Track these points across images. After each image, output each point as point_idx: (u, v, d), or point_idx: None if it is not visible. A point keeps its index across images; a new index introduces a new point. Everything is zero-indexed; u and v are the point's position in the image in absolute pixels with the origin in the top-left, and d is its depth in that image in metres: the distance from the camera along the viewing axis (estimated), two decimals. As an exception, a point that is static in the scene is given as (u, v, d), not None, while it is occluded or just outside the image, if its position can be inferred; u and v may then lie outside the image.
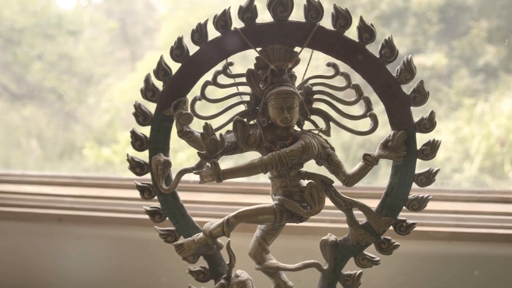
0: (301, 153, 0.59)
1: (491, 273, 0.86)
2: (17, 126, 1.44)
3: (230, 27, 0.62)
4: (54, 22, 1.37)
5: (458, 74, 1.27)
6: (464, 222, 0.86)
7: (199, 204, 0.94)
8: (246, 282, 0.67)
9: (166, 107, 0.65)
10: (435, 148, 0.63)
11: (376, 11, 1.27)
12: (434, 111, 0.63)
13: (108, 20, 1.48)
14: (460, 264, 0.86)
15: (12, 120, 1.44)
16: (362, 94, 0.64)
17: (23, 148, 1.44)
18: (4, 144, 1.44)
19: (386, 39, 0.61)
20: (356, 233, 0.66)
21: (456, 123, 1.29)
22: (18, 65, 1.36)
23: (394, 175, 0.65)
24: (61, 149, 1.48)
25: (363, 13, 1.24)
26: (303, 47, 0.62)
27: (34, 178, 1.08)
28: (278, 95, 0.60)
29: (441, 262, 0.86)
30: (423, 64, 1.24)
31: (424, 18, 1.24)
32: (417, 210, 0.65)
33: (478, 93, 1.26)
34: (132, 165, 0.68)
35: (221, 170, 0.58)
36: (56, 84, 1.40)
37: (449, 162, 1.27)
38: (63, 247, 0.98)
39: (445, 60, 1.25)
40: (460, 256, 0.86)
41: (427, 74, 1.26)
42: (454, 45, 1.24)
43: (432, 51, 1.25)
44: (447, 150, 1.28)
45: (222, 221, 0.62)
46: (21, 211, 0.96)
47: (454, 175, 1.25)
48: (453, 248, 0.86)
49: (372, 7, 1.26)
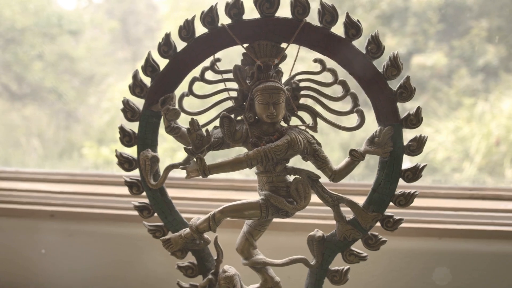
0: (286, 148, 0.59)
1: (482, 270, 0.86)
2: (17, 125, 1.45)
3: (217, 24, 0.62)
4: (54, 22, 1.38)
5: (458, 74, 1.27)
6: (455, 219, 0.86)
7: (188, 200, 0.94)
8: (233, 277, 0.67)
9: (154, 103, 0.65)
10: (422, 143, 0.63)
11: (376, 10, 1.27)
12: (421, 107, 0.63)
13: (109, 20, 1.49)
14: (450, 261, 0.86)
15: (13, 119, 1.45)
16: (349, 90, 0.64)
17: (23, 148, 1.45)
18: (5, 144, 1.45)
19: (373, 35, 0.61)
20: (343, 228, 0.66)
21: (456, 123, 1.28)
22: (18, 64, 1.37)
23: (381, 170, 0.65)
24: (61, 148, 1.49)
25: (363, 12, 1.24)
26: (290, 43, 0.62)
27: (27, 175, 1.09)
28: (264, 90, 0.60)
29: (432, 259, 0.86)
30: (423, 63, 1.24)
31: (424, 18, 1.24)
32: (404, 206, 0.65)
33: (478, 93, 1.26)
34: (120, 160, 0.68)
35: (206, 165, 0.59)
36: (56, 84, 1.40)
37: (449, 161, 1.27)
38: (55, 243, 0.98)
39: (445, 59, 1.25)
40: (451, 253, 0.86)
41: (427, 74, 1.25)
42: (454, 44, 1.24)
43: (432, 51, 1.25)
44: (447, 149, 1.28)
45: (208, 216, 0.62)
46: (14, 208, 0.97)
47: (454, 175, 1.24)
48: (444, 245, 0.86)
49: (372, 7, 1.26)
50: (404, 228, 0.85)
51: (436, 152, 1.26)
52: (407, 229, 0.84)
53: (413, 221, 0.86)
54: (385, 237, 0.67)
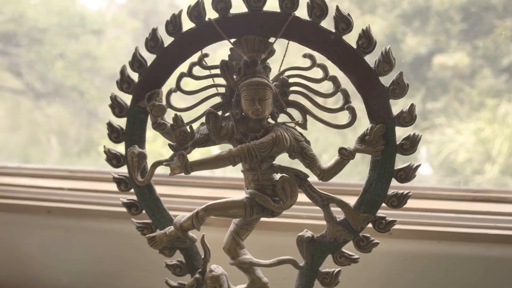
0: (271, 145, 0.57)
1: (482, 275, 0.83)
2: (41, 123, 1.47)
3: (204, 18, 0.61)
4: (76, 22, 1.39)
5: (481, 74, 1.23)
6: (456, 221, 0.83)
7: (178, 198, 0.93)
8: (220, 277, 0.66)
9: (141, 99, 0.64)
10: (415, 142, 0.61)
11: (397, 9, 1.24)
12: (414, 104, 0.60)
13: (132, 20, 1.50)
14: (449, 265, 0.83)
15: (37, 117, 1.46)
16: (340, 86, 0.62)
17: (45, 145, 1.46)
18: (28, 141, 1.46)
19: (364, 29, 0.59)
20: (334, 229, 0.64)
21: (478, 124, 1.25)
22: (41, 63, 1.38)
23: (372, 170, 0.63)
24: (81, 146, 1.50)
25: (384, 11, 1.22)
26: (277, 37, 0.60)
27: (29, 171, 1.10)
28: (249, 86, 0.59)
29: (430, 262, 0.83)
30: (445, 63, 1.21)
31: (446, 17, 1.21)
32: (396, 207, 0.63)
33: (502, 93, 1.22)
34: (108, 156, 0.68)
35: (189, 162, 0.58)
36: (78, 83, 1.42)
37: (470, 163, 1.24)
38: (52, 239, 0.99)
39: (468, 59, 1.22)
40: (451, 256, 0.83)
41: (448, 74, 1.22)
42: (477, 44, 1.20)
43: (454, 51, 1.21)
44: (468, 151, 1.25)
45: (192, 214, 0.61)
46: (13, 203, 0.98)
47: (475, 177, 1.21)
48: (444, 248, 0.82)
49: (393, 6, 1.24)
50: (402, 230, 0.83)
51: (457, 153, 1.23)
52: (405, 231, 0.81)
53: (412, 223, 0.83)
54: (383, 239, 0.65)
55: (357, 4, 1.03)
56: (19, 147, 1.37)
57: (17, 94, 1.32)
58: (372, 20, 1.16)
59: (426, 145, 1.21)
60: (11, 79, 1.31)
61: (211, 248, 0.68)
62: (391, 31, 1.14)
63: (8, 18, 1.25)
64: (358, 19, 1.11)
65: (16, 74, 1.31)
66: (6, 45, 1.25)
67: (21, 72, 1.30)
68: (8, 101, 1.35)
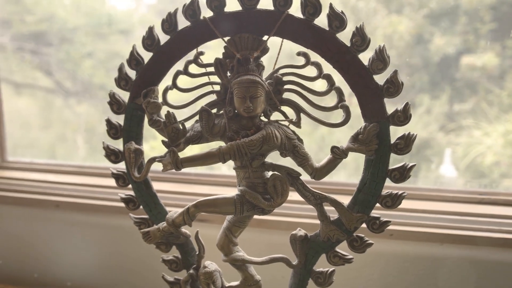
0: (260, 143, 0.58)
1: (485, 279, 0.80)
2: (70, 121, 1.50)
3: (199, 16, 0.61)
4: (105, 21, 1.42)
5: (511, 75, 1.20)
6: (460, 224, 0.81)
7: (176, 194, 0.94)
8: (213, 273, 0.66)
9: (138, 96, 0.66)
10: (410, 142, 0.60)
11: (425, 9, 1.22)
12: (410, 103, 0.59)
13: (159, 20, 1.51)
14: (452, 268, 0.81)
15: (67, 115, 1.49)
16: (334, 84, 0.61)
17: (72, 143, 1.50)
18: (57, 139, 1.50)
19: (358, 27, 0.58)
20: (327, 229, 0.64)
21: (507, 126, 1.21)
22: (70, 62, 1.41)
23: (366, 170, 0.62)
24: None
25: (411, 11, 1.20)
26: (270, 35, 0.60)
27: (40, 166, 1.13)
28: (240, 84, 0.59)
29: (431, 265, 0.81)
30: (473, 64, 1.18)
31: (475, 17, 1.18)
32: (390, 207, 0.62)
33: None
34: (107, 152, 0.69)
35: (179, 158, 0.58)
36: (105, 81, 1.44)
37: (498, 166, 1.21)
38: (58, 232, 1.01)
39: (497, 60, 1.18)
40: (452, 259, 0.81)
41: (477, 75, 1.19)
42: (508, 44, 1.17)
43: (483, 51, 1.18)
44: (496, 154, 1.21)
45: (183, 210, 0.61)
46: (23, 197, 1.01)
47: (503, 180, 1.18)
48: (445, 251, 0.81)
49: (420, 5, 1.22)
50: (403, 231, 0.81)
51: (485, 156, 1.20)
52: (407, 232, 0.80)
53: (414, 225, 0.82)
54: (383, 240, 0.64)
55: (384, 4, 1.01)
56: (48, 144, 1.41)
57: (49, 92, 1.35)
58: (399, 20, 1.14)
59: (452, 147, 1.18)
60: (42, 78, 1.35)
61: (208, 245, 0.68)
62: (418, 31, 1.11)
63: (40, 18, 1.29)
64: (384, 19, 1.10)
65: (47, 73, 1.34)
66: (38, 44, 1.29)
67: (52, 71, 1.33)
68: (41, 100, 1.38)
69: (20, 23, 1.29)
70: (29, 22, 1.29)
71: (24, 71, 1.33)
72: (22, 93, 1.38)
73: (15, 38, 1.28)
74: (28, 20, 1.29)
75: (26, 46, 1.28)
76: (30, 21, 1.29)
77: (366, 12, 1.11)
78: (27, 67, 1.31)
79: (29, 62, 1.28)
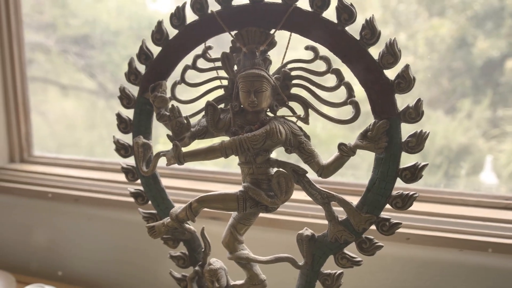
0: (264, 138, 0.56)
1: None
2: (112, 122, 1.54)
3: (207, 10, 0.61)
4: (145, 25, 1.45)
5: None
6: (481, 230, 0.76)
7: (186, 191, 0.94)
8: (218, 271, 0.65)
9: (147, 91, 0.66)
10: (422, 140, 0.57)
11: (469, 11, 1.18)
12: (422, 99, 0.56)
13: None
14: (470, 275, 0.76)
15: (109, 116, 1.53)
16: (343, 79, 0.59)
17: (110, 142, 1.53)
18: (99, 138, 1.53)
19: (367, 19, 0.56)
20: (335, 229, 0.61)
21: None
22: (112, 64, 1.45)
23: (376, 168, 0.59)
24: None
25: (453, 14, 1.16)
26: (277, 28, 0.59)
27: (63, 161, 1.16)
28: (245, 78, 0.58)
29: (449, 272, 0.77)
30: None
31: None
32: (401, 208, 0.59)
33: None
34: (117, 147, 0.70)
35: (181, 152, 0.58)
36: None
37: None
38: (76, 226, 1.03)
39: None
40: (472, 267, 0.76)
41: None
42: None
43: None
44: None
45: (186, 205, 0.61)
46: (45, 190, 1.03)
47: None
48: (464, 258, 0.76)
49: (464, 7, 1.18)
50: (421, 235, 0.78)
51: None
52: (424, 236, 0.76)
53: (432, 229, 0.78)
54: (399, 243, 0.61)
55: (426, 6, 0.98)
56: (90, 144, 1.44)
57: (92, 94, 1.39)
58: (441, 22, 1.11)
59: (495, 154, 1.12)
60: (86, 80, 1.39)
61: (216, 242, 0.67)
62: (460, 34, 1.08)
63: (84, 22, 1.33)
64: (425, 22, 1.07)
65: (91, 75, 1.38)
66: (82, 47, 1.33)
67: (95, 73, 1.37)
68: (85, 101, 1.42)
69: (64, 26, 1.33)
70: (73, 25, 1.33)
71: (69, 73, 1.37)
72: (69, 94, 1.43)
73: (60, 41, 1.32)
74: (73, 23, 1.33)
75: (71, 48, 1.32)
76: (74, 25, 1.33)
77: (406, 15, 1.08)
78: (72, 69, 1.35)
79: (73, 64, 1.32)
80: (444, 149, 1.20)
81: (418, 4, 1.12)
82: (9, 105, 1.17)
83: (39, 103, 1.39)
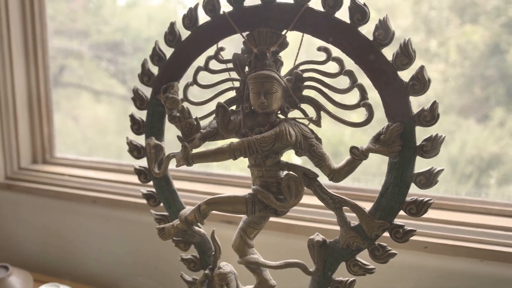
0: (273, 140, 0.55)
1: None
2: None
3: (219, 11, 0.61)
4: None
5: None
6: (505, 240, 0.73)
7: (198, 194, 0.94)
8: (227, 275, 0.64)
9: (160, 92, 0.66)
10: (437, 144, 0.54)
11: (503, 18, 1.14)
12: (437, 101, 0.54)
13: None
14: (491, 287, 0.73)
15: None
16: (356, 81, 0.58)
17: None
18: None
19: (381, 20, 0.55)
20: (347, 235, 0.60)
21: None
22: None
23: (389, 173, 0.57)
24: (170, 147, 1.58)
25: (487, 20, 1.13)
26: (288, 29, 0.58)
27: (83, 162, 1.18)
28: (255, 79, 0.57)
29: (468, 283, 0.73)
30: None
31: None
32: (415, 215, 0.57)
33: None
34: (130, 148, 0.70)
35: (190, 154, 0.57)
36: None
37: None
38: (93, 227, 1.04)
39: None
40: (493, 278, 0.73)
41: None
42: None
43: None
44: None
45: (195, 208, 0.60)
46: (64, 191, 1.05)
47: None
48: (485, 269, 0.73)
49: (498, 14, 1.15)
50: (440, 244, 0.75)
51: None
52: (443, 246, 0.73)
53: (452, 238, 0.75)
54: (417, 252, 0.59)
55: (458, 13, 0.96)
56: (119, 148, 1.47)
57: (124, 100, 1.42)
58: (473, 29, 1.08)
59: None
60: (118, 86, 1.41)
61: (228, 245, 0.66)
62: (494, 41, 1.05)
63: (115, 28, 1.36)
64: (457, 29, 1.04)
65: (122, 81, 1.41)
66: (114, 53, 1.35)
67: (126, 79, 1.39)
68: (117, 106, 1.45)
69: (97, 33, 1.36)
70: (105, 32, 1.36)
71: (102, 79, 1.40)
72: (101, 100, 1.45)
73: (93, 48, 1.35)
74: (105, 30, 1.36)
75: (103, 55, 1.34)
76: (106, 31, 1.36)
77: (438, 22, 1.06)
78: (104, 75, 1.38)
79: (105, 70, 1.34)
80: (475, 158, 1.16)
81: (449, 11, 1.09)
82: (32, 108, 1.20)
83: (73, 108, 1.42)
